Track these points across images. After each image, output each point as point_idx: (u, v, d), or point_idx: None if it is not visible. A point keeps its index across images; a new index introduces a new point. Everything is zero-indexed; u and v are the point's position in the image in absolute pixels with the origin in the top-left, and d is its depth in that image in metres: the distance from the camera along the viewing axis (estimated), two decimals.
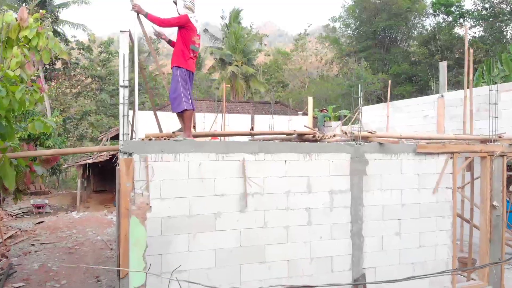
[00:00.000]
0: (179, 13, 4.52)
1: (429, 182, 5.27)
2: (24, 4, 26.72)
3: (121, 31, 4.17)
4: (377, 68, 43.32)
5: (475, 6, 39.32)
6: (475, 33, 40.89)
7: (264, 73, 38.31)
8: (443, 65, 10.22)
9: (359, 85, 12.57)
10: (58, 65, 30.34)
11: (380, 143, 4.93)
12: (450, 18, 41.28)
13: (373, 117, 12.83)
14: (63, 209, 16.93)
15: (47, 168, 6.45)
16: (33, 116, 20.35)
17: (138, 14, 4.44)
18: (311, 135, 5.01)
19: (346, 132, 5.19)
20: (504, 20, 38.07)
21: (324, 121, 15.95)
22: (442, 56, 38.20)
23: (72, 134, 31.14)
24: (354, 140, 5.12)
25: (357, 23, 46.23)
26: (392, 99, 48.08)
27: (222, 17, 37.94)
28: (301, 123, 17.13)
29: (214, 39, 36.30)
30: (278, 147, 4.53)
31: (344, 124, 14.62)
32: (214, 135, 4.70)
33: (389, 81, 10.98)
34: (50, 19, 21.89)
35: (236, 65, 30.85)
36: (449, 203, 5.42)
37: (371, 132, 5.06)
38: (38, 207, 15.85)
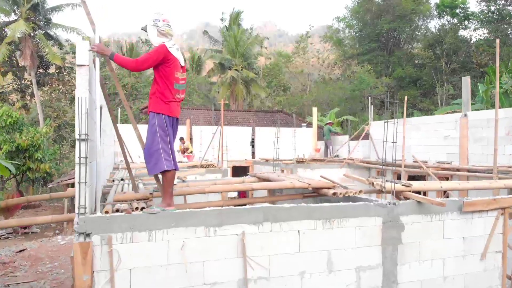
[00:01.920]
0: (153, 44, 3.45)
1: (476, 246, 4.19)
2: (16, 7, 25.70)
3: (78, 65, 3.10)
4: (381, 71, 42.29)
5: (481, 8, 38.29)
6: (480, 35, 39.85)
7: (265, 76, 37.18)
8: (466, 81, 9.14)
9: (369, 98, 11.38)
10: (52, 69, 29.31)
11: (419, 202, 3.85)
12: (455, 20, 40.25)
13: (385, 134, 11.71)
14: (51, 228, 15.86)
15: (9, 217, 5.43)
16: (21, 127, 19.30)
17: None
18: (331, 191, 3.91)
19: (373, 183, 4.11)
20: (510, 23, 37.01)
21: (330, 134, 14.85)
22: (447, 60, 37.17)
23: (67, 141, 30.03)
24: (382, 190, 4.05)
25: (360, 24, 45.19)
26: (396, 104, 46.68)
27: (222, 19, 36.86)
28: (305, 135, 16.07)
29: (214, 41, 35.25)
30: (289, 213, 3.45)
31: (354, 139, 13.52)
32: (204, 192, 3.60)
33: (405, 98, 9.88)
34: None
35: (236, 70, 29.76)
36: (498, 270, 4.34)
37: (406, 185, 3.98)
38: (24, 227, 14.76)
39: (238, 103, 30.98)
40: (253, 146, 16.00)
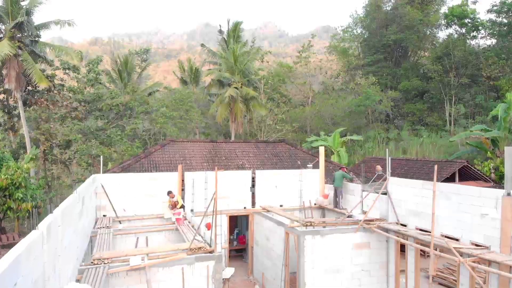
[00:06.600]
0: None
1: None
2: (1, 24, 24.12)
3: None
4: (386, 83, 40.80)
5: (490, 18, 36.83)
6: (489, 46, 38.39)
7: (266, 91, 35.50)
8: (509, 152, 7.59)
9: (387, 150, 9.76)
10: (42, 86, 27.69)
11: None
12: (463, 30, 38.78)
13: (406, 195, 10.19)
14: None
15: None
16: (1, 162, 17.76)
17: None
18: None
19: None
20: None
21: (344, 181, 13.19)
22: (456, 73, 35.65)
23: (57, 164, 28.47)
24: None
25: (366, 35, 43.74)
26: (402, 117, 45.02)
27: (220, 31, 35.31)
28: (312, 177, 14.48)
29: (212, 54, 33.71)
30: None
31: (375, 191, 11.92)
32: None
33: (436, 167, 8.31)
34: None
35: (235, 87, 28.16)
36: None
37: None
38: None
39: (238, 122, 29.45)
40: (253, 185, 14.47)
